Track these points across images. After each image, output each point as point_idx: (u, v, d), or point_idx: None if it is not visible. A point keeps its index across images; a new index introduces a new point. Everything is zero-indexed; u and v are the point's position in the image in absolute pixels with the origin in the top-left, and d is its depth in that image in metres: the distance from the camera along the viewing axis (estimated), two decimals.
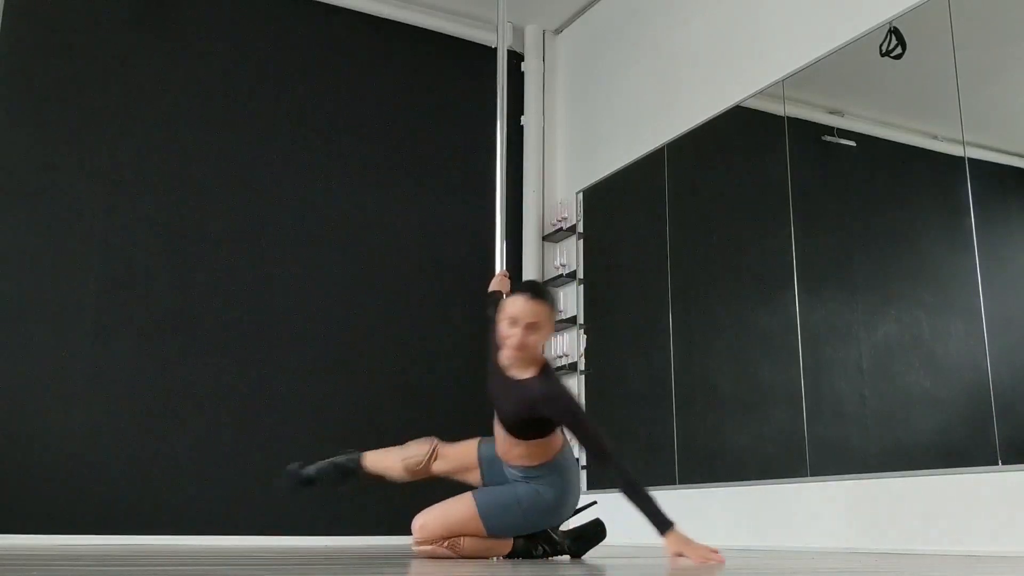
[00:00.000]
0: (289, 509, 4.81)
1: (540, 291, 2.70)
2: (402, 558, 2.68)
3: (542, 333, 2.65)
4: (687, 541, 2.37)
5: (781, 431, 4.08)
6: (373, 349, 5.41)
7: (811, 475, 3.88)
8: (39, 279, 4.70)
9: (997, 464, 3.17)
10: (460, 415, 5.43)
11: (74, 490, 4.54)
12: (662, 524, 2.39)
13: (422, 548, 2.74)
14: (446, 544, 2.72)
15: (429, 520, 2.74)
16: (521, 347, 2.61)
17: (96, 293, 4.80)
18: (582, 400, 5.45)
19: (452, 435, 3.01)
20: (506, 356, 2.69)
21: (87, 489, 4.56)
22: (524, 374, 2.67)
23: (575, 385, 5.55)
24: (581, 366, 5.50)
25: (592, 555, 3.01)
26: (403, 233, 5.65)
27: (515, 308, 2.62)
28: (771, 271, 4.27)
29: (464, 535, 2.74)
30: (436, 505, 2.79)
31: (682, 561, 2.33)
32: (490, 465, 2.87)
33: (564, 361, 5.62)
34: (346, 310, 5.40)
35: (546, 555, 2.88)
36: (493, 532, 2.76)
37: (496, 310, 2.78)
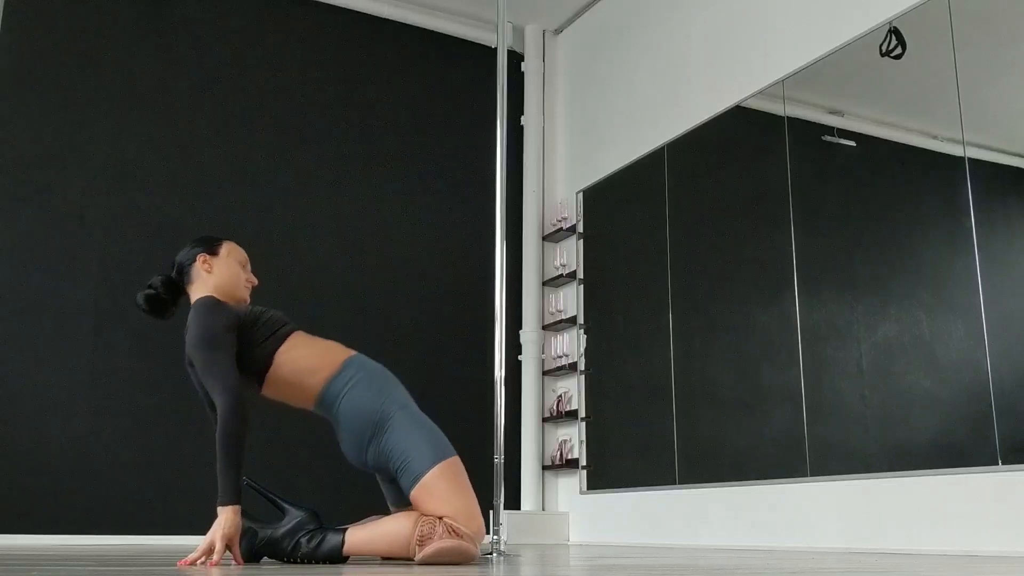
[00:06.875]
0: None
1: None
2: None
3: None
4: (220, 529, 2.09)
5: (781, 431, 4.08)
6: (371, 347, 5.39)
7: (811, 475, 3.88)
8: (39, 278, 4.71)
9: (997, 464, 3.17)
10: (459, 412, 5.44)
11: (74, 490, 4.54)
12: (222, 495, 2.12)
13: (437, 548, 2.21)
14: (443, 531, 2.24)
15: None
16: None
17: (96, 292, 4.80)
18: (581, 401, 5.46)
19: (449, 430, 2.96)
20: (245, 298, 2.64)
21: (87, 489, 4.56)
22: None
23: (575, 385, 5.56)
24: (581, 366, 5.50)
25: (589, 554, 2.99)
26: (403, 233, 5.65)
27: (243, 253, 2.67)
28: (771, 271, 4.27)
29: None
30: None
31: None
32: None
33: (564, 361, 5.62)
34: (344, 309, 5.40)
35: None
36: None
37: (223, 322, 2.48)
